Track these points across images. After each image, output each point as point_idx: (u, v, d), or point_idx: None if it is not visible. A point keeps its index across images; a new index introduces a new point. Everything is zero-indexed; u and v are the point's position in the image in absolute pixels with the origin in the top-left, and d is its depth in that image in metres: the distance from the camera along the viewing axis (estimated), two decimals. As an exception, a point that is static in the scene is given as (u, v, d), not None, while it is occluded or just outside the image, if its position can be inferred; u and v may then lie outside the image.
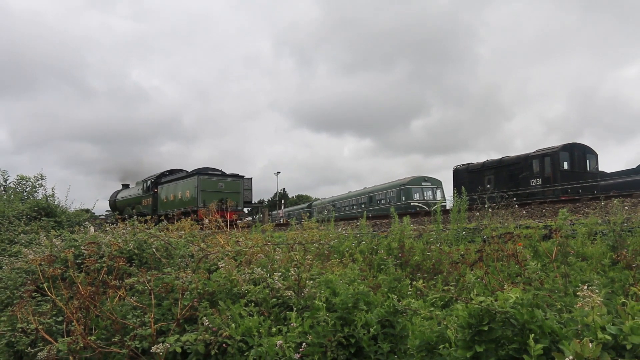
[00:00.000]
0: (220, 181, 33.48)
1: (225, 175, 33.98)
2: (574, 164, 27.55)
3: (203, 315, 3.76)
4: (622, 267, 5.15)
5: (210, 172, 33.79)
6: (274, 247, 5.50)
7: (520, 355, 2.48)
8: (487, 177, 30.27)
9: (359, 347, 3.44)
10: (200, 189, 31.98)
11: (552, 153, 27.26)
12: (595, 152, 28.91)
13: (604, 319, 2.35)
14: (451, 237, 8.93)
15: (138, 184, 42.35)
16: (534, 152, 28.57)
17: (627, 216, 7.48)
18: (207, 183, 32.65)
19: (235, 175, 34.51)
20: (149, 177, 39.37)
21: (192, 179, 32.67)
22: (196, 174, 32.60)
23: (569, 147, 27.80)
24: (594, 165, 28.58)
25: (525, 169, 28.34)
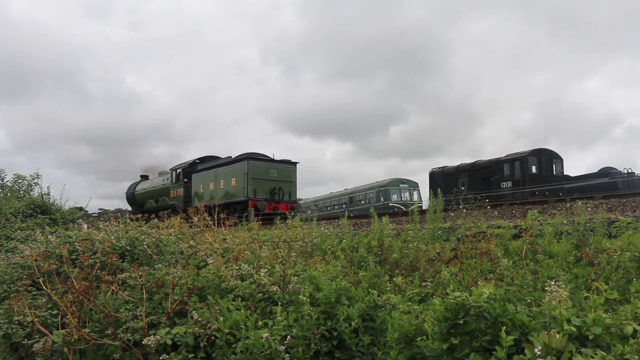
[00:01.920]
0: (272, 167, 27.53)
1: (276, 162, 28.06)
2: (542, 168, 27.84)
3: (192, 309, 3.75)
4: (585, 264, 5.23)
5: (261, 157, 28.04)
6: (260, 244, 5.49)
7: (493, 347, 2.51)
8: (461, 180, 30.43)
9: (341, 339, 3.45)
10: (250, 176, 26.23)
11: (522, 158, 27.52)
12: (561, 157, 29.23)
13: (569, 312, 2.39)
14: (427, 236, 8.97)
15: (162, 174, 36.30)
16: (505, 156, 28.82)
17: (590, 217, 7.57)
18: (257, 170, 26.86)
19: (287, 162, 28.51)
20: (179, 165, 33.11)
21: (240, 165, 26.93)
22: (245, 158, 26.85)
23: (536, 152, 28.08)
24: (560, 170, 28.88)
25: (496, 172, 28.55)
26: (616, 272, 4.78)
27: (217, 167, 29.21)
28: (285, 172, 28.07)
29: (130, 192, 38.40)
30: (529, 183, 26.29)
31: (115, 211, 31.77)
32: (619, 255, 5.04)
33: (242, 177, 26.49)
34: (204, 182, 29.80)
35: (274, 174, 27.39)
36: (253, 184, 26.25)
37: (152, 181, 36.64)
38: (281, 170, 27.89)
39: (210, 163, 30.97)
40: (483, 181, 28.91)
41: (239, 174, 26.89)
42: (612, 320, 2.29)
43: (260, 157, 27.92)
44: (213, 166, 29.74)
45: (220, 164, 29.29)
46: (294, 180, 28.20)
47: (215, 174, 29.01)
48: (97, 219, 13.49)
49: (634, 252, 5.19)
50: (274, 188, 26.81)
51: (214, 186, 28.57)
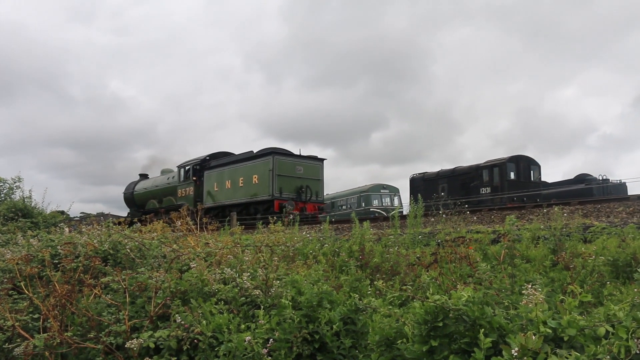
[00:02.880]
0: (299, 164, 24.66)
1: (303, 157, 25.17)
2: (520, 174, 28.18)
3: (175, 313, 3.74)
4: (561, 268, 5.32)
5: (286, 152, 25.16)
6: (242, 248, 5.49)
7: (471, 349, 2.54)
8: (441, 186, 30.65)
9: (322, 342, 3.47)
10: (276, 173, 23.27)
11: (500, 164, 27.84)
12: (539, 164, 29.62)
13: (545, 314, 2.43)
14: (408, 241, 9.02)
15: (165, 173, 33.24)
16: (484, 163, 29.12)
17: (566, 222, 7.69)
18: (283, 166, 23.91)
19: (314, 158, 25.74)
20: (188, 162, 29.84)
21: (264, 161, 23.96)
22: (270, 153, 23.89)
23: (515, 159, 28.43)
24: (537, 176, 29.25)
25: (475, 178, 28.83)
26: (591, 275, 4.86)
27: (235, 164, 26.14)
28: (312, 169, 25.38)
29: (129, 192, 35.11)
30: (507, 189, 26.60)
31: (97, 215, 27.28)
32: (593, 259, 5.13)
33: (267, 174, 23.51)
34: (218, 180, 26.82)
35: (300, 171, 24.59)
36: (279, 181, 23.41)
37: (155, 180, 33.47)
38: (308, 167, 25.12)
39: (225, 159, 27.83)
40: (463, 187, 29.17)
41: (263, 170, 23.90)
42: (586, 322, 2.34)
43: (285, 152, 25.05)
44: (230, 162, 26.68)
45: (238, 160, 26.15)
46: (322, 179, 25.53)
47: (233, 170, 25.97)
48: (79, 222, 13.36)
49: (608, 257, 5.30)
50: (301, 187, 24.18)
51: (231, 184, 25.71)
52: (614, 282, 4.90)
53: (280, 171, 23.64)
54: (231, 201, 25.55)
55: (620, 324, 2.16)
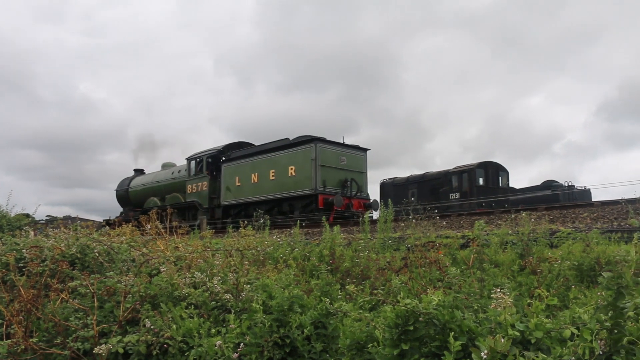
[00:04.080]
0: (342, 153, 21.26)
1: (347, 146, 21.73)
2: (488, 180, 28.62)
3: (145, 317, 3.70)
4: (528, 272, 5.42)
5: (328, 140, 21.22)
6: (212, 252, 5.47)
7: (442, 352, 2.59)
8: (411, 191, 30.90)
9: (293, 346, 3.48)
10: (319, 163, 19.86)
11: (469, 170, 28.25)
12: (507, 170, 30.13)
13: (513, 317, 2.49)
14: (378, 246, 9.08)
15: (166, 167, 30.00)
16: (453, 168, 29.50)
17: (533, 227, 7.84)
18: (327, 156, 20.44)
19: (358, 148, 22.34)
20: (201, 153, 25.98)
21: (304, 150, 20.50)
22: (312, 140, 20.36)
23: (483, 165, 28.87)
24: (505, 182, 29.75)
25: (445, 183, 29.17)
26: (556, 279, 4.97)
27: (263, 154, 22.48)
28: (356, 160, 22.07)
29: (123, 189, 31.47)
30: (476, 194, 26.99)
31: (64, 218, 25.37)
32: (559, 264, 5.25)
33: (308, 165, 20.19)
34: (241, 174, 23.23)
35: (344, 162, 21.25)
36: (322, 173, 20.07)
37: (156, 175, 29.90)
38: (352, 157, 21.83)
39: (250, 149, 24.22)
40: (432, 192, 29.47)
41: (302, 160, 20.48)
42: (552, 325, 2.40)
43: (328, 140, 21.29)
44: (257, 152, 22.92)
45: (269, 149, 22.38)
46: (365, 171, 22.24)
47: (261, 162, 22.42)
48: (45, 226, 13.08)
49: (573, 261, 5.43)
50: (345, 179, 20.98)
51: (259, 177, 22.26)
52: (579, 285, 5.02)
53: (324, 161, 20.27)
54: (259, 197, 22.17)
55: (584, 326, 2.23)
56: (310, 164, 20.19)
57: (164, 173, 29.31)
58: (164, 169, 30.35)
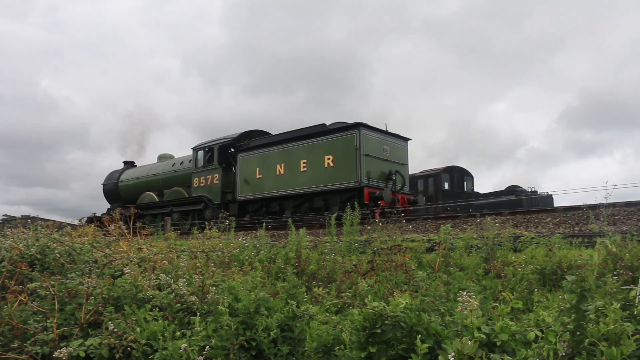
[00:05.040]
0: (385, 142, 18.90)
1: (390, 135, 19.30)
2: (454, 184, 29.04)
3: (108, 320, 3.65)
4: (493, 276, 5.53)
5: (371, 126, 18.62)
6: (177, 254, 5.41)
7: (409, 354, 2.62)
8: (377, 194, 31.06)
9: (259, 349, 3.48)
10: (362, 152, 17.46)
11: (435, 174, 28.63)
12: (472, 175, 30.62)
13: (479, 320, 2.54)
14: (344, 249, 9.12)
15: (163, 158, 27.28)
16: (419, 173, 29.84)
17: (498, 232, 7.98)
18: (370, 144, 18.07)
19: (399, 137, 19.90)
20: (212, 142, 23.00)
21: (345, 137, 18.00)
22: (356, 126, 17.94)
23: (449, 170, 29.29)
24: (470, 186, 30.23)
25: (411, 187, 29.48)
26: (520, 283, 5.08)
27: (293, 142, 19.59)
28: (399, 150, 19.70)
29: (112, 182, 28.44)
30: (441, 199, 27.33)
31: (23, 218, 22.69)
32: (523, 268, 5.37)
33: (350, 154, 17.68)
34: (262, 164, 20.43)
35: (386, 152, 18.80)
36: (366, 163, 17.64)
37: (152, 167, 26.91)
38: (394, 147, 19.39)
39: (274, 136, 21.28)
40: (398, 196, 29.69)
41: (344, 149, 17.96)
42: (517, 328, 2.46)
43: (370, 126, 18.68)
44: (285, 140, 20.01)
45: (300, 137, 19.51)
46: (407, 164, 20.04)
47: (290, 151, 19.64)
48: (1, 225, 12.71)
49: (536, 265, 5.55)
50: (390, 172, 18.59)
51: (286, 169, 19.58)
52: (541, 289, 5.14)
53: (368, 150, 17.84)
54: (285, 191, 19.64)
55: (549, 328, 2.29)
56: (353, 153, 17.63)
57: (162, 165, 26.41)
58: (160, 160, 27.48)
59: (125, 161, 30.00)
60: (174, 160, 26.17)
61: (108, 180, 28.90)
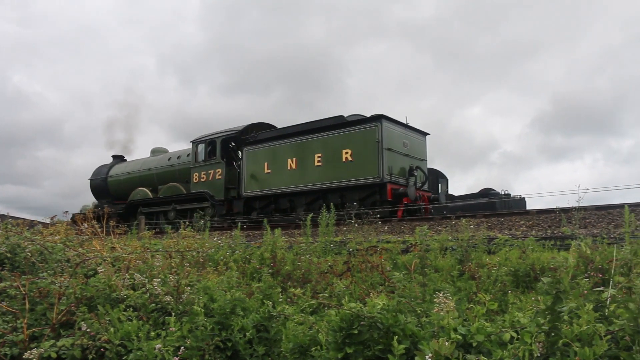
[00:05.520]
0: (406, 136, 17.78)
1: (409, 128, 18.18)
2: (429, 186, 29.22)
3: (81, 320, 3.59)
4: (467, 277, 5.60)
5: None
6: (152, 254, 5.36)
7: (385, 355, 2.65)
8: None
9: (235, 350, 3.47)
10: (384, 146, 16.24)
11: (410, 176, 28.74)
12: (446, 177, 30.85)
13: (456, 321, 2.58)
14: (319, 249, 9.14)
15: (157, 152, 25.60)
16: (395, 174, 29.94)
17: (472, 234, 8.07)
18: (392, 137, 16.86)
19: (418, 130, 18.84)
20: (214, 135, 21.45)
21: (368, 129, 16.69)
22: (378, 118, 16.67)
23: (424, 171, 29.44)
24: (445, 189, 30.46)
25: (387, 188, 29.53)
26: (494, 285, 5.15)
27: (307, 134, 18.27)
28: (418, 145, 18.59)
29: (100, 177, 26.64)
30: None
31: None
32: (497, 269, 5.44)
33: (371, 148, 16.40)
34: (272, 158, 19.09)
35: (407, 146, 17.64)
36: (388, 158, 16.42)
37: (145, 161, 25.17)
38: (414, 141, 18.28)
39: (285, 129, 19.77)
40: (374, 197, 29.77)
41: (363, 142, 16.69)
42: (493, 329, 2.50)
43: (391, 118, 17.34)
44: (298, 133, 18.63)
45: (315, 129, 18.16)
46: (426, 159, 18.97)
47: (301, 144, 18.32)
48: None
49: (510, 267, 5.64)
50: (411, 168, 17.53)
51: (298, 163, 18.22)
52: (515, 291, 5.22)
53: (389, 144, 16.57)
54: (297, 187, 18.35)
55: (524, 329, 2.34)
56: (374, 146, 16.38)
57: (157, 159, 24.67)
58: (154, 154, 25.75)
59: (114, 155, 28.09)
60: (169, 154, 24.67)
61: (96, 175, 27.14)
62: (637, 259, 3.43)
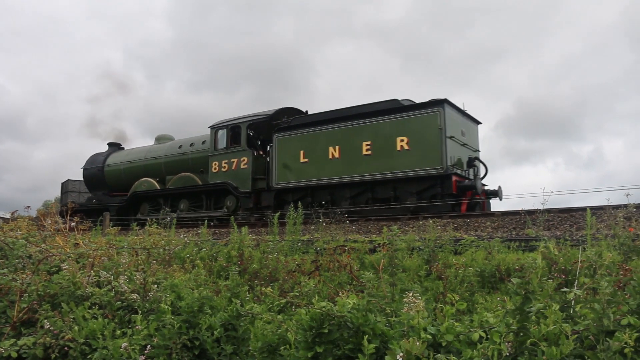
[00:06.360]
0: (464, 124, 16.10)
1: (466, 116, 16.52)
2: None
3: (44, 318, 3.51)
4: (434, 277, 5.68)
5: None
6: (118, 250, 5.28)
7: (355, 354, 2.66)
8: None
9: (203, 349, 3.44)
10: (446, 133, 14.58)
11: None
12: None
13: (425, 321, 2.61)
14: (287, 248, 9.13)
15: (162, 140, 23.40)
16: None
17: (439, 235, 8.17)
18: (453, 125, 15.20)
19: (472, 118, 17.04)
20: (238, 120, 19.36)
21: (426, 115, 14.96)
22: (440, 102, 14.98)
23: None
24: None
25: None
26: (461, 285, 5.23)
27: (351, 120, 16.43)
28: (474, 134, 16.89)
29: (95, 167, 24.06)
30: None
31: None
32: (463, 270, 5.53)
33: (433, 135, 14.75)
34: (309, 146, 17.17)
35: (464, 135, 15.91)
36: (450, 148, 14.72)
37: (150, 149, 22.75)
38: (470, 130, 16.51)
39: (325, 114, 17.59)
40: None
41: (422, 129, 14.99)
42: (462, 328, 2.54)
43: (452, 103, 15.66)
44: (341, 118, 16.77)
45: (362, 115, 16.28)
46: (479, 150, 17.05)
47: (345, 131, 16.46)
48: None
49: (476, 268, 5.73)
50: (471, 159, 16.03)
51: (342, 152, 16.36)
52: (481, 291, 5.32)
53: (451, 132, 14.92)
54: (342, 178, 16.53)
55: (493, 329, 2.38)
56: (435, 134, 14.70)
57: (164, 147, 22.25)
58: (159, 142, 23.52)
59: (110, 143, 25.81)
60: (179, 141, 22.20)
61: (90, 165, 24.48)
62: (602, 261, 3.53)
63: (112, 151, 24.98)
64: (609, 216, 8.91)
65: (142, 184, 21.92)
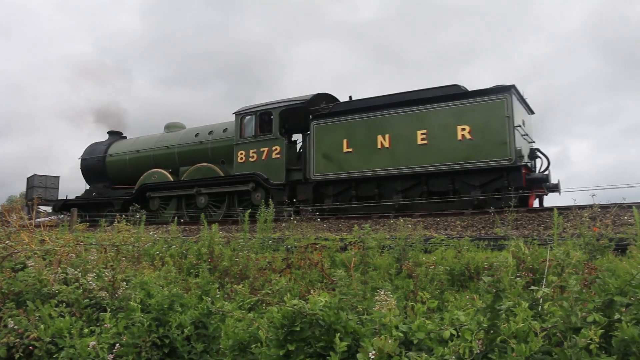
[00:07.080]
0: (524, 114, 14.88)
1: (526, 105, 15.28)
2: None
3: (8, 317, 3.44)
4: (405, 276, 5.71)
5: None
6: (86, 247, 5.20)
7: (327, 352, 2.67)
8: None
9: (173, 347, 3.41)
10: (513, 123, 13.33)
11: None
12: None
13: (397, 319, 2.63)
14: (257, 246, 9.10)
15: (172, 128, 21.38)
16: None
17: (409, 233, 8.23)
18: (518, 113, 13.90)
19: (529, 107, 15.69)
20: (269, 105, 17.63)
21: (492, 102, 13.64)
22: (507, 89, 13.68)
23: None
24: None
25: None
26: (431, 283, 5.27)
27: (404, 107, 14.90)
28: (530, 124, 15.57)
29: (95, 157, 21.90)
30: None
31: None
32: (434, 268, 5.58)
33: (498, 125, 13.51)
34: (353, 134, 15.62)
35: (525, 125, 14.55)
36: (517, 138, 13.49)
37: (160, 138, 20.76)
38: (527, 120, 15.21)
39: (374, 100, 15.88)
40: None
41: (486, 117, 13.70)
42: (433, 326, 2.57)
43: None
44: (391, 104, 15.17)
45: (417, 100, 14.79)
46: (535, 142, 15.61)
47: (397, 118, 14.94)
48: None
49: (446, 266, 5.79)
50: (533, 150, 14.96)
51: (393, 141, 14.87)
52: (451, 289, 5.37)
53: (517, 121, 13.71)
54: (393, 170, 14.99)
55: (464, 327, 2.41)
56: (502, 123, 13.44)
57: (178, 135, 20.30)
58: (169, 130, 21.47)
59: (110, 131, 23.60)
60: (196, 129, 20.07)
61: (89, 154, 22.29)
62: (569, 260, 3.61)
63: (113, 140, 22.77)
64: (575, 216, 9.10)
65: (152, 175, 19.91)
